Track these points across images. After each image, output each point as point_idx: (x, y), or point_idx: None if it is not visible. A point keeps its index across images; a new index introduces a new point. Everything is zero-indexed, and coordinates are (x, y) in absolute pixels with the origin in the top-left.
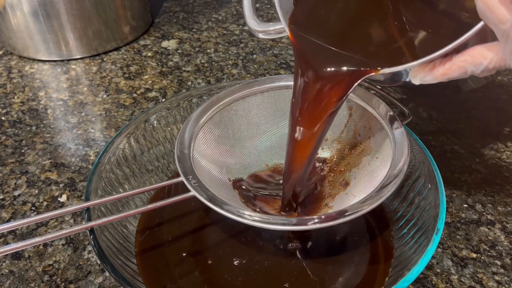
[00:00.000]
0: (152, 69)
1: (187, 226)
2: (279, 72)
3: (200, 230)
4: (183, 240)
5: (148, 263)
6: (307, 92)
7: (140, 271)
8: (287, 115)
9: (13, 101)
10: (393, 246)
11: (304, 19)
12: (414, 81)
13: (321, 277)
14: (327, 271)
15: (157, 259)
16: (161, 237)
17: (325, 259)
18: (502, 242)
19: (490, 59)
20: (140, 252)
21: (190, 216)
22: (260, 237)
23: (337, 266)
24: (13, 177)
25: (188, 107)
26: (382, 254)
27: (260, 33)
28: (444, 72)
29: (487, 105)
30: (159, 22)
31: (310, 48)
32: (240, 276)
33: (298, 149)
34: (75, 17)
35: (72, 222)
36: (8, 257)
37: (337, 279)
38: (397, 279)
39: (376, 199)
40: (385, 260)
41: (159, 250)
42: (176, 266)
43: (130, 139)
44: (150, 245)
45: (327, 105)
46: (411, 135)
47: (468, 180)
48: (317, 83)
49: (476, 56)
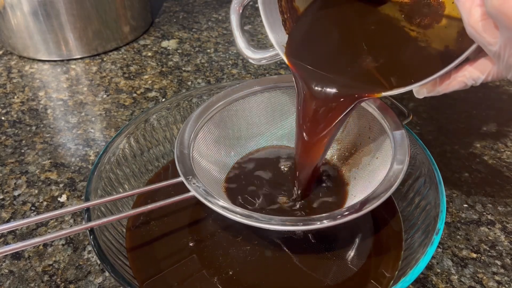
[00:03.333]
0: (152, 69)
1: (179, 221)
2: (279, 72)
3: (190, 225)
4: (173, 235)
5: (139, 258)
6: (313, 107)
7: (132, 266)
8: (287, 115)
9: (13, 101)
10: (402, 247)
11: (303, 50)
12: (418, 96)
13: (322, 272)
14: (330, 266)
15: (148, 255)
16: (151, 233)
17: (326, 254)
18: (502, 242)
19: (487, 73)
20: (131, 249)
21: (180, 213)
22: (256, 231)
23: (339, 261)
24: (13, 177)
25: (188, 107)
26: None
27: (256, 61)
28: (445, 87)
29: (487, 105)
30: (159, 22)
31: (313, 76)
32: (238, 268)
33: (308, 151)
34: (75, 17)
35: (72, 222)
36: (8, 257)
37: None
38: (398, 279)
39: (376, 199)
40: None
41: (149, 246)
42: (167, 259)
43: (130, 139)
44: (140, 242)
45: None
46: (411, 135)
47: (468, 180)
48: (320, 104)
49: (474, 72)
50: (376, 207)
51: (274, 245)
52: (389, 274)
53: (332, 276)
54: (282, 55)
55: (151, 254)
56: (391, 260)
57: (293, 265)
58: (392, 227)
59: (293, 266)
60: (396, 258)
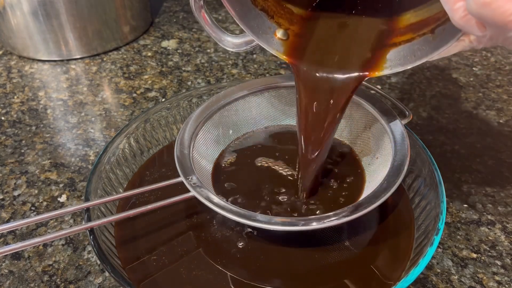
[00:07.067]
0: (152, 69)
1: (175, 219)
2: (279, 72)
3: (189, 224)
4: (170, 234)
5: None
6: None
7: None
8: (287, 115)
9: (13, 101)
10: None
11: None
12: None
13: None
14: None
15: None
16: (139, 229)
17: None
18: (502, 242)
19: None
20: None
21: (177, 211)
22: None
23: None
24: (12, 177)
25: (188, 107)
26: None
27: (236, 47)
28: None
29: (487, 105)
30: (159, 22)
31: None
32: (240, 268)
33: (313, 141)
34: (74, 17)
35: (72, 222)
36: (8, 257)
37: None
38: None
39: (376, 199)
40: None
41: (138, 241)
42: (153, 253)
43: (130, 139)
44: (128, 237)
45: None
46: (411, 135)
47: (468, 180)
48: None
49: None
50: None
51: (274, 239)
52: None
53: (331, 276)
54: (253, 36)
55: (142, 252)
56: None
57: (292, 258)
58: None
59: (292, 259)
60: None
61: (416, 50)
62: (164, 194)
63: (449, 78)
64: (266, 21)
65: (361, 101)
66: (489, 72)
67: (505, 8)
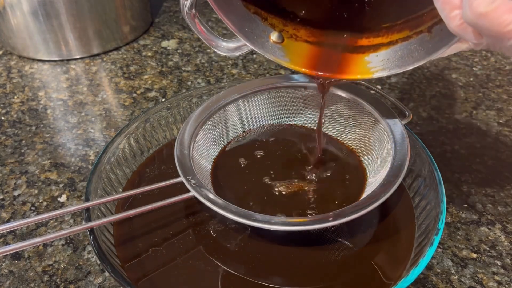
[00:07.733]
0: (152, 69)
1: (174, 218)
2: (279, 72)
3: (188, 223)
4: (170, 234)
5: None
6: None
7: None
8: (287, 115)
9: (13, 101)
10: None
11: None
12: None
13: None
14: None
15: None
16: (138, 228)
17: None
18: (502, 242)
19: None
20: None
21: (176, 211)
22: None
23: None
24: (12, 177)
25: (188, 107)
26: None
27: (237, 52)
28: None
29: (487, 105)
30: (159, 22)
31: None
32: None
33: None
34: (74, 17)
35: (72, 222)
36: (8, 257)
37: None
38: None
39: (376, 199)
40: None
41: (137, 239)
42: (152, 252)
43: (130, 139)
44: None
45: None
46: (411, 135)
47: (468, 180)
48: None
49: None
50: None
51: (273, 238)
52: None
53: (331, 275)
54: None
55: (141, 251)
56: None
57: (291, 257)
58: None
59: (290, 258)
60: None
61: (413, 50)
62: (163, 194)
63: (449, 78)
64: (260, 24)
65: (361, 101)
66: (489, 72)
67: (502, 19)
